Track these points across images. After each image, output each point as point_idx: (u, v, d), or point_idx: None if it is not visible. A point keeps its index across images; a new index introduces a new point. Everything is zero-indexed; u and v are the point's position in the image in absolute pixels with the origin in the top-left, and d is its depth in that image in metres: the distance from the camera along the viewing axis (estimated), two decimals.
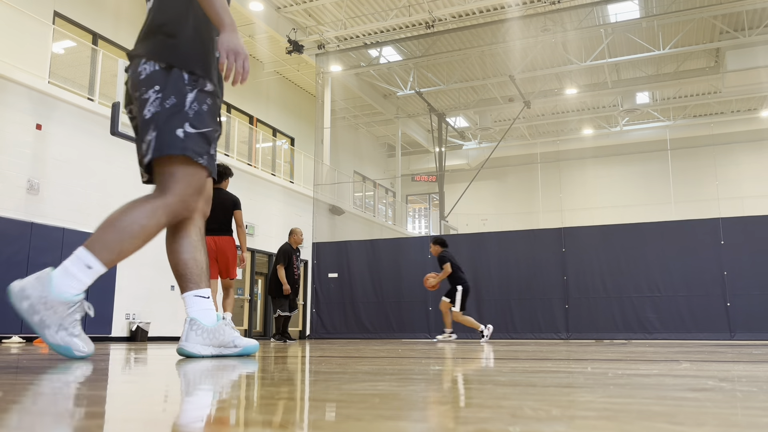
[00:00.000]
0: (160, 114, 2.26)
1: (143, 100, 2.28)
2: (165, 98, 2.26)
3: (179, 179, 2.29)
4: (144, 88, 2.28)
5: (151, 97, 2.27)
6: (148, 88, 2.28)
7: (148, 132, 2.27)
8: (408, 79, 18.83)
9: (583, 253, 10.38)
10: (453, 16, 15.84)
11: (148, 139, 2.27)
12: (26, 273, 10.04)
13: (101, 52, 11.94)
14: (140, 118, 2.30)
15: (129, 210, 2.29)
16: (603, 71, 18.96)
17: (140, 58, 2.31)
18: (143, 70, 2.30)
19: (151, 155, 2.26)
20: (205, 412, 0.91)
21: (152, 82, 2.27)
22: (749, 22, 16.02)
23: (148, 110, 2.27)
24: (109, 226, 2.27)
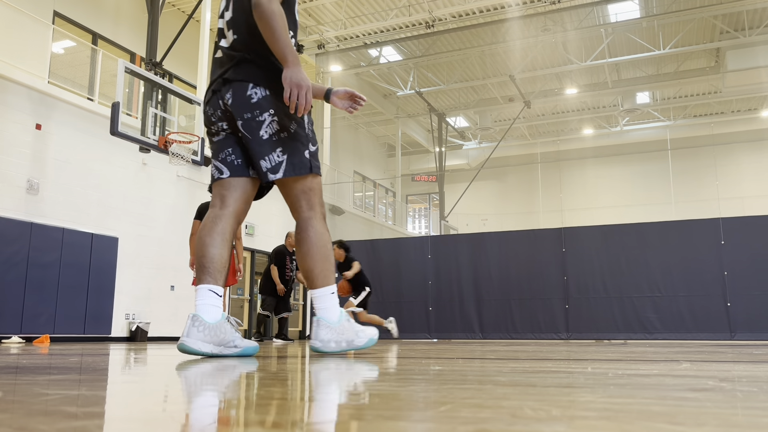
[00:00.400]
0: (286, 140, 2.63)
1: (258, 121, 2.61)
2: (283, 125, 2.62)
3: (316, 192, 2.71)
4: (257, 111, 2.60)
5: (266, 120, 2.60)
6: (262, 111, 2.60)
7: (272, 151, 2.62)
8: (408, 79, 18.83)
9: (584, 253, 10.38)
10: (453, 16, 15.84)
11: (278, 160, 2.62)
12: (26, 273, 10.04)
13: (101, 52, 11.95)
14: (255, 137, 2.61)
15: (313, 246, 2.67)
16: (603, 71, 18.96)
17: (247, 83, 2.62)
18: (254, 94, 2.61)
19: (282, 174, 2.62)
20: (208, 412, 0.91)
21: (265, 106, 2.60)
22: (749, 22, 16.03)
23: (265, 131, 2.61)
24: (319, 262, 2.66)
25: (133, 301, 12.00)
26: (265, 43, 2.58)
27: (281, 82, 2.58)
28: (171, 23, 13.64)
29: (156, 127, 10.10)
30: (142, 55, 13.14)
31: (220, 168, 2.76)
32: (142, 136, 9.92)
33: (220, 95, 2.71)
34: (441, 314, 11.07)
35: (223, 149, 2.75)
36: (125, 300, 11.81)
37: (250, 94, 2.61)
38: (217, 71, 2.76)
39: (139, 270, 12.11)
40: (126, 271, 11.85)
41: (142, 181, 12.63)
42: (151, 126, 9.97)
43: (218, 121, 2.74)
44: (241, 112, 2.62)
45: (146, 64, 11.15)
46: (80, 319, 10.85)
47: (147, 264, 12.36)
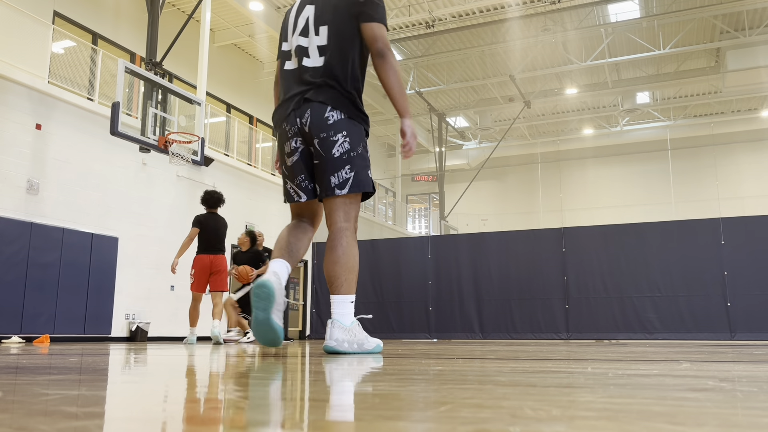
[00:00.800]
0: (355, 159, 2.89)
1: (332, 141, 2.87)
2: (354, 146, 2.89)
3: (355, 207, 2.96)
4: (332, 132, 2.86)
5: (339, 140, 2.86)
6: (336, 132, 2.87)
7: (343, 170, 2.88)
8: (408, 78, 18.83)
9: (584, 253, 10.38)
10: (453, 16, 15.84)
11: (346, 177, 2.88)
12: (26, 273, 10.04)
13: (101, 52, 11.95)
14: (326, 152, 2.88)
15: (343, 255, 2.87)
16: (603, 71, 18.96)
17: (326, 106, 2.88)
18: (331, 116, 2.88)
19: (348, 190, 2.88)
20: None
21: (340, 128, 2.87)
22: (749, 22, 16.03)
23: (337, 150, 2.87)
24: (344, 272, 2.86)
25: (133, 301, 12.00)
26: (349, 74, 2.92)
27: (355, 109, 2.93)
28: (171, 23, 13.64)
29: (156, 127, 10.10)
30: (142, 55, 13.14)
31: (298, 193, 3.02)
32: (142, 136, 9.92)
33: (298, 113, 2.93)
34: (441, 314, 11.07)
35: (298, 174, 2.99)
36: (125, 300, 11.82)
37: (328, 116, 2.87)
38: (295, 87, 2.97)
39: (139, 270, 12.12)
40: (126, 271, 11.85)
41: (142, 181, 12.63)
42: (151, 126, 9.97)
43: (293, 137, 2.95)
44: (318, 131, 2.87)
45: (146, 64, 11.16)
46: (80, 319, 10.85)
47: (147, 264, 12.36)
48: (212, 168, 14.23)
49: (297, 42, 3.00)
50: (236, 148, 16.02)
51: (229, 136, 15.93)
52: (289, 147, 2.98)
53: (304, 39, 2.99)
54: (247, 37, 16.35)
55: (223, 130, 15.86)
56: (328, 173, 2.89)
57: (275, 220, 16.86)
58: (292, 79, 3.00)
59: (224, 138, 15.78)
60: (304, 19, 3.02)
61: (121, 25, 13.53)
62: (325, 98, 2.89)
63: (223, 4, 14.66)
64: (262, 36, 16.30)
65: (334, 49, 2.92)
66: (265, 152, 17.86)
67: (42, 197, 10.55)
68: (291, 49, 3.05)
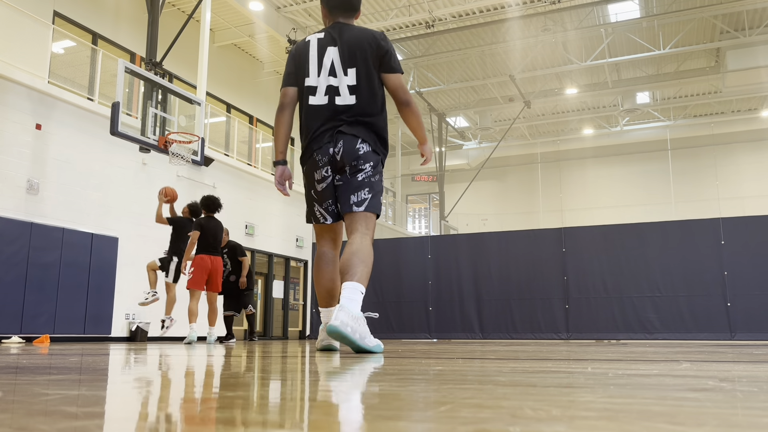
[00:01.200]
0: (374, 185, 3.31)
1: (359, 168, 3.27)
2: (374, 174, 3.31)
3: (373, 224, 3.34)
4: (362, 161, 3.26)
5: (366, 169, 3.27)
6: (365, 162, 3.27)
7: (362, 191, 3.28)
8: (408, 78, 18.83)
9: (584, 253, 10.38)
10: (453, 16, 15.84)
11: (364, 197, 3.28)
12: (26, 273, 10.04)
13: (101, 52, 11.94)
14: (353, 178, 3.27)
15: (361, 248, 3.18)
16: (603, 71, 18.96)
17: (357, 138, 3.27)
18: (361, 148, 3.26)
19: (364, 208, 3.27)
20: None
21: (368, 159, 3.28)
22: (749, 22, 16.03)
23: (361, 176, 3.27)
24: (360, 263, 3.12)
25: (133, 301, 12.00)
26: (378, 111, 3.35)
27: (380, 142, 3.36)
28: (171, 23, 13.64)
29: (156, 127, 10.10)
30: (142, 55, 13.14)
31: (325, 216, 3.39)
32: (142, 136, 9.92)
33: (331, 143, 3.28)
34: (441, 314, 11.07)
35: (326, 200, 3.35)
36: (125, 300, 11.81)
37: (359, 148, 3.26)
38: (327, 122, 3.31)
39: (139, 270, 12.10)
40: (126, 271, 11.85)
41: (142, 181, 12.63)
42: (151, 126, 9.97)
43: (324, 166, 3.29)
44: (349, 159, 3.26)
45: (146, 64, 11.15)
46: (80, 319, 10.85)
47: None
48: (212, 168, 14.23)
49: (327, 82, 3.34)
50: (236, 148, 16.02)
51: (229, 136, 15.93)
52: (319, 174, 3.31)
53: (333, 79, 3.33)
54: (247, 37, 16.34)
55: (223, 130, 15.86)
56: (349, 192, 3.27)
57: (275, 220, 16.85)
58: (323, 114, 3.32)
59: (224, 138, 15.78)
60: (329, 60, 3.35)
61: (121, 25, 13.53)
62: (357, 132, 3.27)
63: (223, 4, 14.66)
64: (262, 36, 16.29)
65: (364, 90, 3.31)
66: (265, 152, 17.85)
67: (42, 197, 10.55)
68: (317, 86, 3.36)
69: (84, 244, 11.07)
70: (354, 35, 3.35)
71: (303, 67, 3.41)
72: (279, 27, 15.60)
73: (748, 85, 17.10)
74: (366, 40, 3.33)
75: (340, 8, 3.44)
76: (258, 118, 17.88)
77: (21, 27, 10.60)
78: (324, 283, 3.43)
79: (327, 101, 3.32)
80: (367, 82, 3.31)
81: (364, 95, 3.30)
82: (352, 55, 3.31)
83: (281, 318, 17.37)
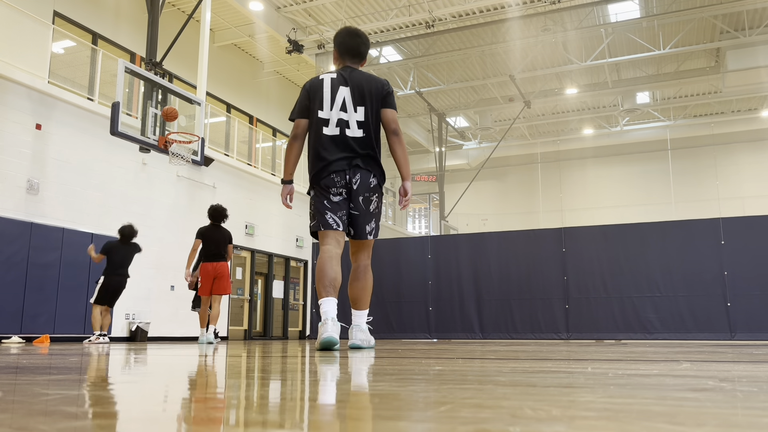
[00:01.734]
0: (378, 214, 4.03)
1: (370, 200, 3.94)
2: (379, 204, 4.02)
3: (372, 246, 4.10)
4: (372, 193, 3.94)
5: (374, 200, 3.96)
6: (374, 193, 3.95)
7: (373, 221, 3.99)
8: (408, 78, 18.83)
9: (584, 253, 10.37)
10: (453, 16, 15.84)
11: (373, 227, 4.00)
12: (26, 273, 10.04)
13: (101, 52, 11.95)
14: (365, 208, 3.93)
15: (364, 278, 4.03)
16: (603, 71, 18.96)
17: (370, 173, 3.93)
18: (372, 182, 3.93)
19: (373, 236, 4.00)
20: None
21: (375, 191, 3.97)
22: (749, 22, 16.02)
23: (371, 207, 3.96)
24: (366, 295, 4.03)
25: (133, 301, 12.00)
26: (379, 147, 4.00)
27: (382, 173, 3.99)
28: (171, 23, 13.64)
29: (156, 127, 10.10)
30: (142, 55, 13.14)
31: (337, 222, 3.91)
32: (142, 136, 9.92)
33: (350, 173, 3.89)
34: (441, 314, 11.06)
35: (339, 210, 3.91)
36: (125, 300, 11.81)
37: (371, 182, 3.93)
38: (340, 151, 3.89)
39: (139, 270, 12.11)
40: None
41: (142, 181, 12.63)
42: (151, 126, 9.97)
43: (341, 187, 3.89)
44: (363, 191, 3.90)
45: (146, 64, 11.15)
46: (80, 319, 10.85)
47: (147, 264, 12.35)
48: (212, 168, 14.23)
49: (338, 116, 3.93)
50: (236, 148, 16.02)
51: (229, 136, 15.93)
52: (336, 190, 3.90)
53: (344, 114, 3.93)
54: (247, 37, 16.34)
55: (223, 130, 15.86)
56: (364, 223, 3.96)
57: (275, 219, 16.85)
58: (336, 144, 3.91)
59: (224, 138, 15.78)
60: (341, 98, 3.95)
61: (121, 25, 13.53)
62: (370, 167, 3.93)
63: (223, 4, 14.65)
64: (262, 36, 16.29)
65: (370, 125, 3.95)
66: (264, 152, 17.85)
67: (42, 197, 10.55)
68: (330, 118, 3.93)
69: (84, 244, 11.07)
70: (363, 78, 4.03)
71: (317, 100, 3.97)
72: (279, 27, 15.59)
73: (748, 85, 17.09)
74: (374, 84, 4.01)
75: (350, 54, 4.11)
76: (258, 118, 17.88)
77: (21, 27, 10.60)
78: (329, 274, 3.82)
79: (339, 132, 3.92)
80: (373, 120, 3.96)
81: (370, 130, 3.94)
82: (362, 95, 3.96)
83: (281, 318, 17.37)
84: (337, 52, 4.15)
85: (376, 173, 3.95)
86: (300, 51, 15.69)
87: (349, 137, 3.90)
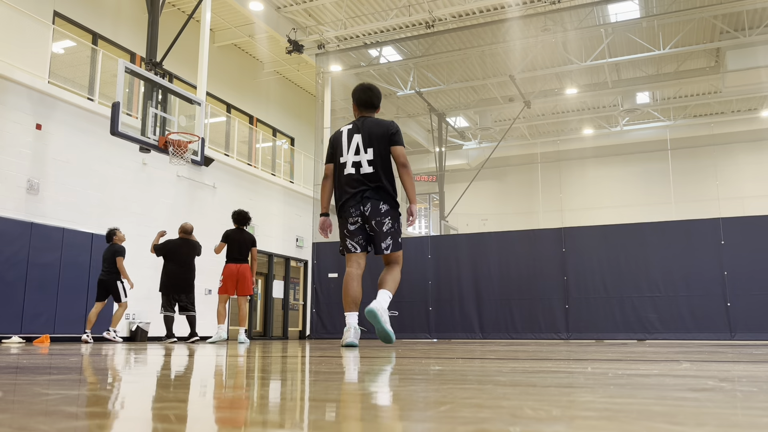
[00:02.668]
0: (395, 233, 4.84)
1: (382, 223, 4.75)
2: (394, 224, 4.81)
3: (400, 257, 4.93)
4: (384, 218, 4.75)
5: (387, 222, 4.76)
6: (385, 217, 4.75)
7: (387, 238, 4.81)
8: (408, 79, 18.83)
9: (583, 253, 10.37)
10: (453, 16, 15.84)
11: (389, 243, 4.82)
12: (26, 273, 10.04)
13: (101, 52, 11.94)
14: (378, 229, 4.76)
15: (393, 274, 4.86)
16: (603, 71, 18.96)
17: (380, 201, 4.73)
18: (382, 208, 4.74)
19: (391, 250, 4.84)
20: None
21: (387, 214, 4.76)
22: (749, 22, 16.02)
23: (385, 228, 4.77)
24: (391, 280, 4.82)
25: (133, 301, 12.00)
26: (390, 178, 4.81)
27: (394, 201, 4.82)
28: (171, 23, 13.64)
29: (156, 127, 10.09)
30: (142, 55, 13.14)
31: (355, 246, 4.85)
32: (142, 136, 9.91)
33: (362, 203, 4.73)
34: (441, 314, 11.06)
35: (357, 236, 4.82)
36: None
37: (381, 208, 4.73)
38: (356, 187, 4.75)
39: (139, 270, 12.11)
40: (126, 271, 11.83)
41: (142, 181, 12.63)
42: (151, 126, 9.97)
43: (356, 216, 4.75)
44: (374, 216, 4.73)
45: (146, 64, 11.15)
46: (80, 319, 10.85)
47: (147, 264, 12.35)
48: (212, 168, 14.23)
49: (353, 158, 4.79)
50: (236, 148, 16.02)
51: (229, 136, 15.93)
52: (352, 219, 4.77)
53: (357, 156, 4.79)
54: (247, 37, 16.34)
55: (223, 130, 15.86)
56: (379, 241, 4.80)
57: (275, 219, 16.85)
58: (352, 182, 4.77)
59: (224, 138, 15.78)
60: (354, 144, 4.82)
61: (121, 25, 13.52)
62: (379, 196, 4.74)
63: (223, 4, 14.65)
64: (262, 36, 16.29)
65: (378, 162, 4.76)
66: (265, 152, 17.86)
67: (42, 197, 10.55)
68: (347, 161, 4.80)
69: (84, 244, 11.07)
70: (373, 124, 4.86)
71: (338, 149, 4.89)
72: (279, 27, 15.59)
73: (748, 85, 17.08)
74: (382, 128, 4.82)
75: (365, 106, 4.98)
76: (258, 118, 17.88)
77: (21, 27, 10.60)
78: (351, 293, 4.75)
79: (354, 171, 4.78)
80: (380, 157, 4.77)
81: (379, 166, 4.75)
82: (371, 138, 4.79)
83: (281, 318, 17.38)
84: (355, 104, 5.03)
85: (386, 200, 4.75)
86: (300, 51, 15.69)
87: (362, 174, 4.76)
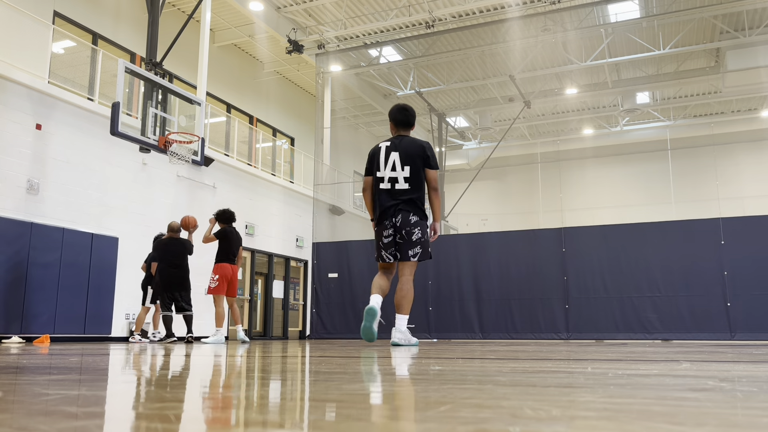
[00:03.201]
0: (424, 243, 5.19)
1: (411, 233, 5.14)
2: (423, 235, 5.19)
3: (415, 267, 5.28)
4: (413, 227, 5.16)
5: (416, 232, 5.16)
6: (415, 227, 5.16)
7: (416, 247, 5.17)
8: (408, 79, 18.83)
9: (583, 253, 10.37)
10: (453, 16, 15.84)
11: (417, 251, 5.17)
12: (26, 273, 10.04)
13: (101, 52, 11.94)
14: (408, 238, 5.14)
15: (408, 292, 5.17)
16: (603, 71, 18.96)
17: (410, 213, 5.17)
18: (412, 218, 5.16)
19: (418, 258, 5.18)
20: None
21: (416, 225, 5.17)
22: (749, 22, 16.02)
23: (413, 237, 5.15)
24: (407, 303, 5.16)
25: (133, 301, 11.99)
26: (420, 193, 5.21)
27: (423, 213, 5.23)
28: (171, 23, 13.64)
29: (156, 127, 10.09)
30: (142, 55, 13.13)
31: (389, 257, 5.28)
32: (142, 136, 9.91)
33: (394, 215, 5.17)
34: (441, 314, 11.06)
35: (390, 248, 5.25)
36: (125, 300, 11.81)
37: (411, 219, 5.16)
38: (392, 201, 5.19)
39: (139, 270, 12.11)
40: (126, 271, 11.84)
41: (142, 181, 12.63)
42: (151, 126, 9.97)
43: (390, 227, 5.20)
44: (404, 226, 5.17)
45: (146, 64, 11.15)
46: (80, 319, 10.85)
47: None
48: (212, 168, 14.23)
49: (390, 174, 5.23)
50: (236, 148, 16.02)
51: (229, 136, 15.93)
52: (387, 232, 5.22)
53: (393, 172, 5.22)
54: (247, 37, 16.34)
55: (223, 130, 15.86)
56: (407, 249, 5.17)
57: (275, 219, 16.85)
58: (389, 196, 5.21)
59: (224, 138, 15.78)
60: (392, 161, 5.24)
61: (121, 25, 13.53)
62: (410, 208, 5.17)
63: (223, 4, 14.65)
64: (262, 36, 16.29)
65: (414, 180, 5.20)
66: (265, 152, 17.86)
67: (42, 197, 10.55)
68: (384, 177, 5.24)
69: (84, 244, 11.07)
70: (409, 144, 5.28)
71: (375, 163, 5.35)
72: (279, 27, 15.59)
73: (748, 85, 17.08)
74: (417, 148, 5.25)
75: (402, 125, 5.42)
76: (258, 118, 17.88)
77: (21, 27, 10.60)
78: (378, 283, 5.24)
79: (390, 186, 5.23)
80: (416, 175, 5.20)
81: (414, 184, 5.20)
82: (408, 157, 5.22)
83: (281, 318, 17.38)
84: (392, 123, 5.47)
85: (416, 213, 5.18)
86: (300, 51, 15.69)
87: (398, 189, 5.20)
